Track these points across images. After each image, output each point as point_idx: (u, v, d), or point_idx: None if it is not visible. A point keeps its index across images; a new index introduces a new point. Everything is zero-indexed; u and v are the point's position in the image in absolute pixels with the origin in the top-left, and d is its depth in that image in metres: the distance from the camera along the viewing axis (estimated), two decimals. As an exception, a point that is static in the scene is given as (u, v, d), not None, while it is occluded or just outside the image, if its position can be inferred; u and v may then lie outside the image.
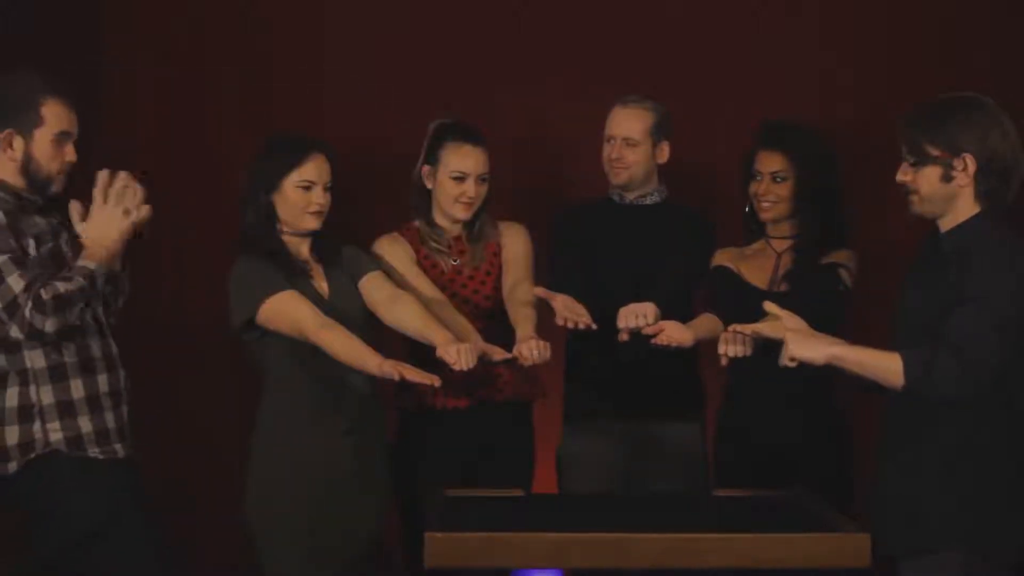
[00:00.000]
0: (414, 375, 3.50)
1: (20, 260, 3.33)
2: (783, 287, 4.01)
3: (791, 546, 3.09)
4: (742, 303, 3.81)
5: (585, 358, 4.12)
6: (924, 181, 3.15)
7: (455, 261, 4.03)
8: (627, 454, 4.09)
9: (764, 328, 3.31)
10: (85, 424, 3.41)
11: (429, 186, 4.02)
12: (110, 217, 3.46)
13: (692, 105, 4.60)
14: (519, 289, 3.95)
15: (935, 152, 3.13)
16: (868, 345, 3.22)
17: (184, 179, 4.72)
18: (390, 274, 3.91)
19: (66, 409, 3.36)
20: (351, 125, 4.65)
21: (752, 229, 4.12)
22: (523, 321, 3.84)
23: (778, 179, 4.02)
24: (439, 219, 4.04)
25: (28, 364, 3.37)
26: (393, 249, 4.00)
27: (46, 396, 3.35)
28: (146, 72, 4.79)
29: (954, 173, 3.13)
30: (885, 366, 3.07)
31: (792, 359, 3.14)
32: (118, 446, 3.51)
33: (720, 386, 4.14)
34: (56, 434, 3.32)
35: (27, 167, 3.41)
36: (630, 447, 4.09)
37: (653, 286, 3.97)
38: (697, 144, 4.54)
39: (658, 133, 4.12)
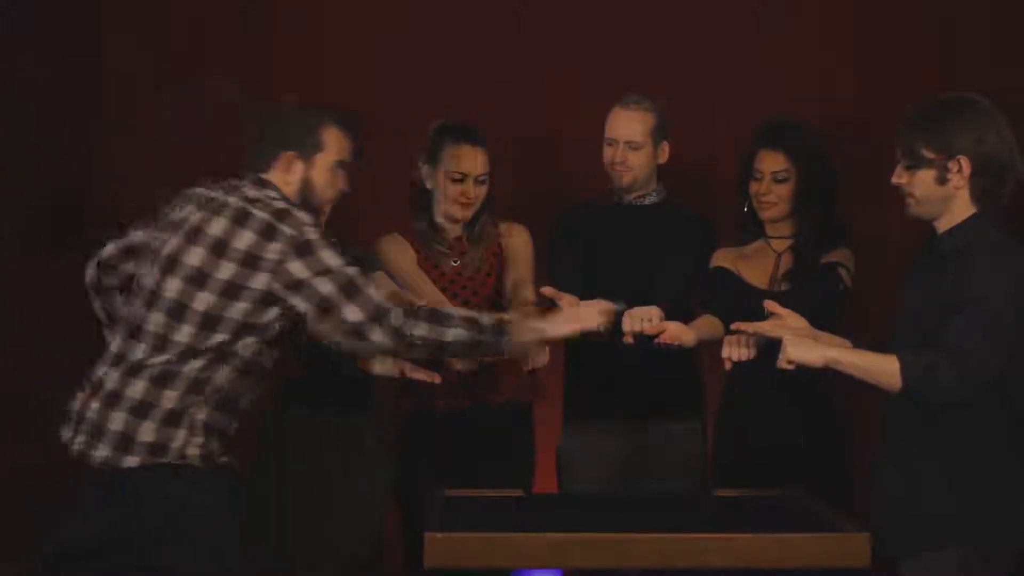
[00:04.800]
0: (416, 372, 3.51)
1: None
2: (783, 286, 4.01)
3: (791, 546, 3.09)
4: (742, 303, 3.81)
5: (585, 358, 4.12)
6: (919, 183, 3.15)
7: (455, 262, 4.03)
8: (627, 454, 4.09)
9: (766, 327, 3.31)
10: (217, 444, 3.25)
11: (429, 186, 4.03)
12: (584, 316, 3.39)
13: (692, 105, 4.60)
14: (520, 290, 3.96)
15: (929, 154, 3.13)
16: (867, 344, 3.22)
17: (184, 179, 4.71)
18: (391, 275, 3.91)
19: (211, 430, 3.22)
20: (351, 125, 4.65)
21: (750, 229, 4.12)
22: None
23: (779, 179, 4.02)
24: (439, 219, 4.05)
25: (213, 378, 3.20)
26: (393, 249, 4.00)
27: (203, 415, 3.20)
28: (146, 72, 4.79)
29: (949, 175, 3.13)
30: (883, 369, 3.07)
31: (789, 362, 3.14)
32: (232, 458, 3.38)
33: (720, 386, 4.14)
34: (194, 449, 3.18)
35: (304, 192, 3.33)
36: (630, 447, 4.09)
37: (653, 286, 3.97)
38: (697, 144, 4.55)
39: (659, 134, 4.12)
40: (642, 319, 3.73)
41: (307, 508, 3.70)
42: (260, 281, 3.11)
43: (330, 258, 3.13)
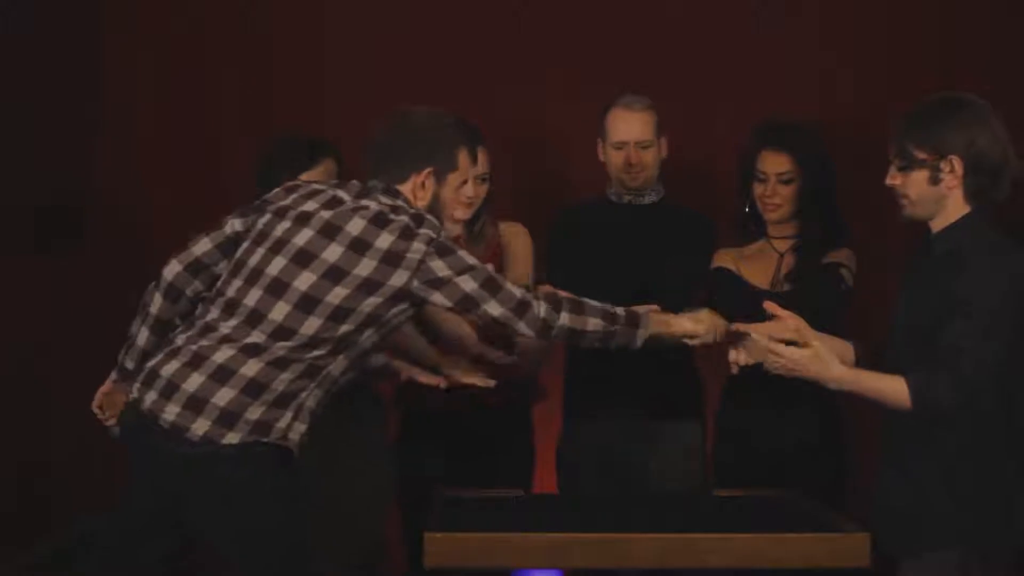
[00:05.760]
0: (423, 377, 3.51)
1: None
2: (785, 287, 4.01)
3: (791, 546, 3.09)
4: (744, 304, 3.81)
5: (585, 358, 4.12)
6: (912, 184, 3.15)
7: (455, 261, 4.03)
8: (626, 453, 4.09)
9: (766, 328, 3.31)
10: (309, 429, 3.28)
11: (429, 186, 4.02)
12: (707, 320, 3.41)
13: (692, 104, 4.60)
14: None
15: (922, 155, 3.13)
16: (867, 344, 3.21)
17: (184, 179, 4.72)
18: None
19: (313, 416, 3.23)
20: (351, 125, 4.64)
21: (751, 229, 4.12)
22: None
23: (784, 180, 4.02)
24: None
25: (327, 365, 3.20)
26: (393, 249, 4.00)
27: (312, 401, 3.21)
28: (146, 72, 4.80)
29: (942, 175, 3.12)
30: (890, 391, 3.06)
31: (788, 371, 3.13)
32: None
33: (720, 386, 4.14)
34: (296, 436, 3.18)
35: (433, 208, 3.33)
36: (630, 446, 4.09)
37: (653, 285, 3.98)
38: (697, 143, 4.55)
39: (660, 130, 4.13)
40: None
41: (308, 508, 3.69)
42: (400, 278, 3.14)
43: (468, 258, 3.20)
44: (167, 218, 4.71)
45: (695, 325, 3.40)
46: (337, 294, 3.12)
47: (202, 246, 3.31)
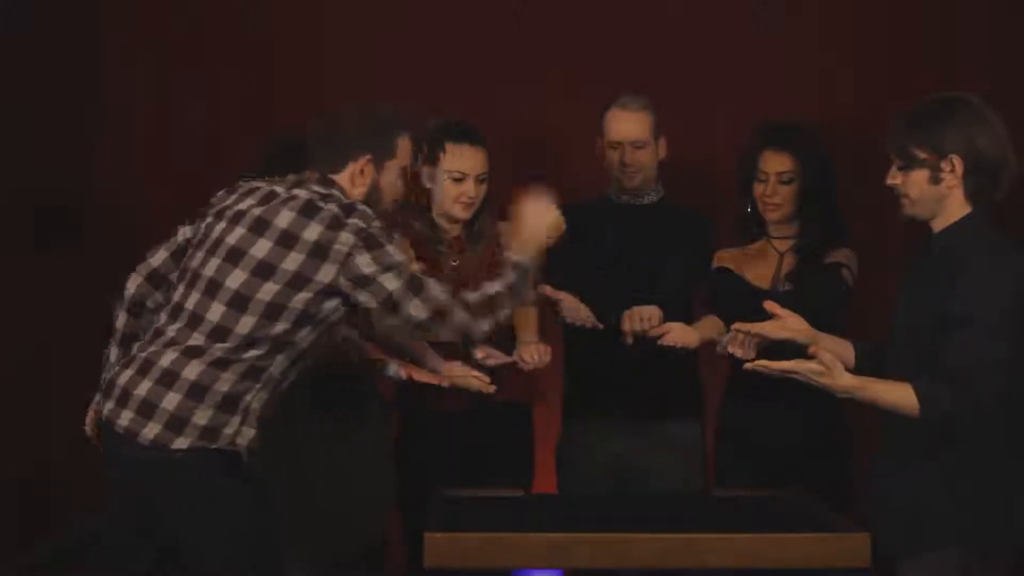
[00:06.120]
0: (424, 376, 3.51)
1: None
2: (786, 286, 4.01)
3: (791, 546, 3.09)
4: (745, 303, 3.81)
5: (585, 358, 4.12)
6: (913, 184, 3.15)
7: (455, 262, 4.03)
8: (626, 453, 4.09)
9: (766, 328, 3.31)
10: (257, 432, 3.28)
11: (428, 186, 4.03)
12: (539, 211, 3.41)
13: (692, 104, 4.60)
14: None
15: (922, 155, 3.13)
16: (868, 343, 3.21)
17: (184, 179, 4.72)
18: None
19: (261, 419, 3.25)
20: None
21: (753, 229, 4.12)
22: (523, 324, 3.84)
23: (785, 180, 4.02)
24: (439, 219, 4.04)
25: (269, 366, 3.21)
26: (393, 249, 4.00)
27: (257, 402, 3.22)
28: (146, 72, 4.80)
29: (942, 175, 3.12)
30: (898, 399, 3.05)
31: (793, 374, 3.10)
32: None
33: (720, 386, 4.14)
34: (244, 440, 3.20)
35: (371, 196, 3.35)
36: (630, 446, 4.09)
37: (652, 285, 3.98)
38: (696, 143, 4.55)
39: (657, 130, 4.13)
40: (641, 319, 3.74)
41: (308, 508, 3.70)
42: (328, 273, 3.14)
43: (396, 254, 3.18)
44: (167, 218, 4.69)
45: (522, 237, 3.36)
46: (267, 291, 3.14)
47: (158, 257, 3.35)
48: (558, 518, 3.35)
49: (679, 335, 3.73)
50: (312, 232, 3.14)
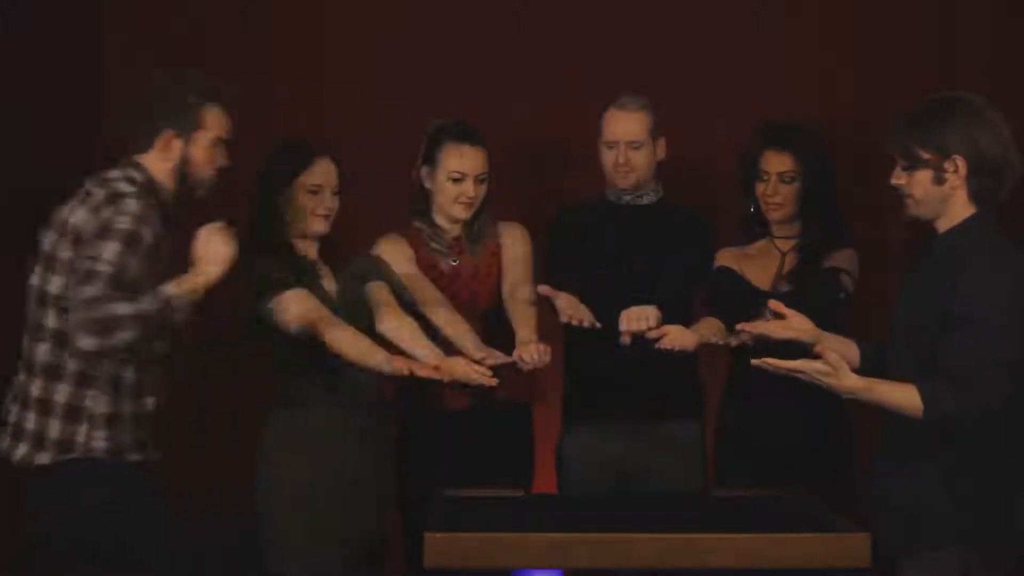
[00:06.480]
0: (425, 371, 3.51)
1: (118, 275, 3.26)
2: (785, 287, 4.01)
3: (791, 546, 3.09)
4: (744, 303, 3.81)
5: (584, 357, 4.12)
6: (917, 184, 3.15)
7: (455, 262, 4.03)
8: (626, 453, 4.09)
9: (771, 328, 3.31)
10: (128, 435, 3.35)
11: (428, 187, 4.03)
12: (214, 241, 3.37)
13: (692, 104, 4.60)
14: (519, 290, 3.96)
15: (925, 155, 3.13)
16: (871, 343, 3.21)
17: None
18: (391, 277, 3.91)
19: (114, 421, 3.31)
20: (351, 125, 4.65)
21: (756, 229, 4.13)
22: (523, 323, 3.84)
23: (786, 180, 4.03)
24: (438, 219, 4.04)
25: (91, 369, 3.28)
26: (393, 249, 4.00)
27: (100, 406, 3.28)
28: (146, 72, 4.79)
29: (946, 175, 3.12)
30: (903, 400, 3.04)
31: (798, 372, 3.09)
32: (150, 452, 3.46)
33: (720, 386, 4.14)
34: (100, 443, 3.26)
35: (182, 170, 3.39)
36: (629, 446, 4.09)
37: (652, 285, 3.98)
38: (696, 143, 4.55)
39: (656, 131, 4.13)
40: (639, 319, 3.73)
41: (308, 508, 3.69)
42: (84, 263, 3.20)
43: (109, 251, 3.19)
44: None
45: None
46: (58, 285, 3.24)
47: (34, 276, 3.39)
48: (558, 518, 3.35)
49: (677, 337, 3.72)
50: (89, 224, 3.23)
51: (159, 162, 3.36)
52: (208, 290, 3.35)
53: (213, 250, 3.34)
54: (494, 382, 3.54)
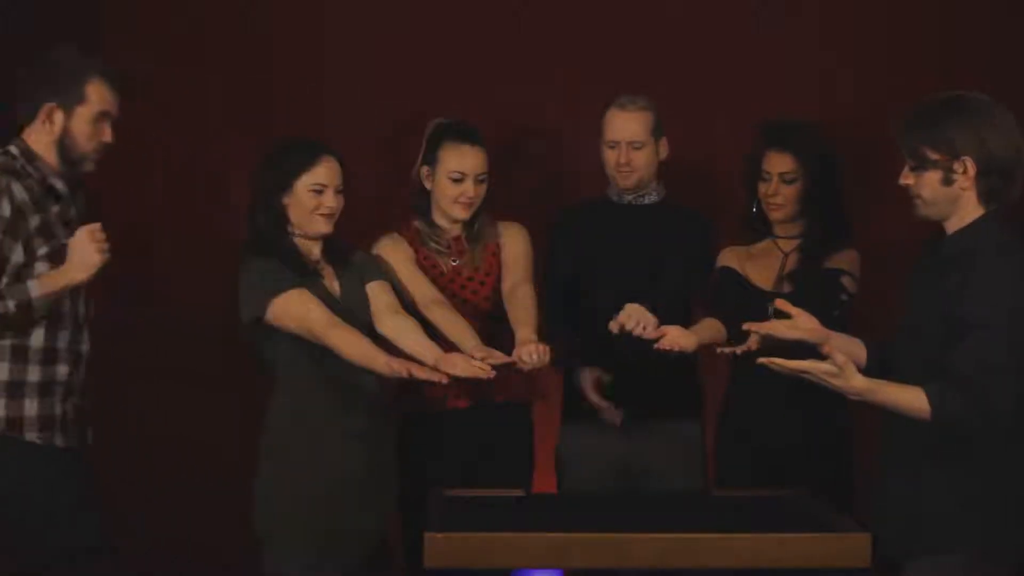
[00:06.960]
0: (424, 372, 3.50)
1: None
2: (787, 287, 4.01)
3: (791, 546, 3.09)
4: (746, 303, 3.81)
5: (584, 358, 4.11)
6: (926, 185, 3.13)
7: (455, 261, 4.03)
8: (626, 453, 4.09)
9: (777, 328, 3.30)
10: (30, 408, 3.40)
11: (428, 186, 4.02)
12: (91, 248, 3.43)
13: (692, 104, 4.60)
14: (519, 290, 3.95)
15: (934, 156, 3.11)
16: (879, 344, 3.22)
17: (184, 179, 4.72)
18: (392, 277, 3.91)
19: (15, 390, 3.36)
20: (351, 125, 4.65)
21: (757, 229, 4.13)
22: (523, 323, 3.83)
23: (788, 180, 4.03)
24: (438, 219, 4.04)
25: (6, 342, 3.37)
26: (393, 249, 4.00)
27: (3, 374, 3.36)
28: (146, 72, 4.79)
29: (955, 176, 3.11)
30: (910, 402, 3.03)
31: (803, 372, 3.07)
32: (59, 435, 3.48)
33: (720, 386, 4.14)
34: (17, 421, 3.34)
35: (63, 143, 3.42)
36: (629, 446, 4.09)
37: (652, 286, 3.98)
38: (697, 144, 4.55)
39: (658, 131, 4.13)
40: (638, 321, 3.72)
41: (309, 508, 3.69)
42: None
43: None
44: (167, 218, 4.71)
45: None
46: None
47: None
48: (558, 518, 3.35)
49: (676, 338, 3.72)
50: None
51: (41, 135, 3.42)
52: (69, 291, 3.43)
53: (82, 256, 3.39)
54: (492, 374, 3.53)
